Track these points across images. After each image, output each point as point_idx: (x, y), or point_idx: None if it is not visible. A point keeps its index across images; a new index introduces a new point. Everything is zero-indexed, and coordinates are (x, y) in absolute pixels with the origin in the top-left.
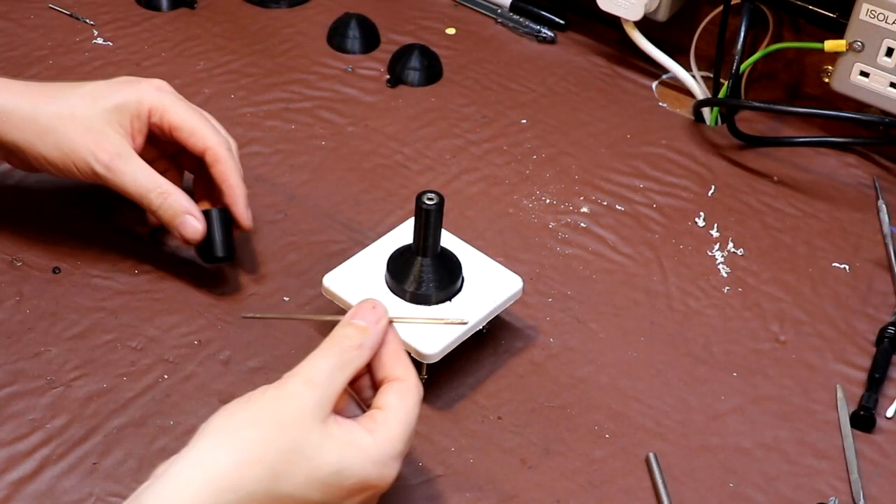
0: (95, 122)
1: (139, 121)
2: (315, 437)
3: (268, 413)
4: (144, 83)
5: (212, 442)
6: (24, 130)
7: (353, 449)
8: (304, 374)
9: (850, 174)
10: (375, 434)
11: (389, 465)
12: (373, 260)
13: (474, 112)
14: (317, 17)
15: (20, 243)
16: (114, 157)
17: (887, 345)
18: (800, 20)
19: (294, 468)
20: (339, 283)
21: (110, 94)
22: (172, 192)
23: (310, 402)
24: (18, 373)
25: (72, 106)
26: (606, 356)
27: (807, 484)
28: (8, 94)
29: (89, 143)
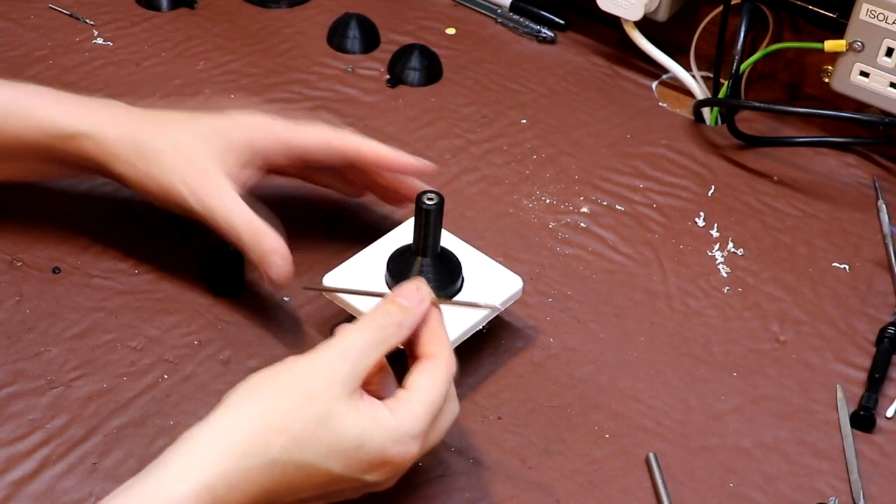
0: (198, 159)
1: (251, 165)
2: (341, 409)
3: (297, 382)
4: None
5: (238, 408)
6: (129, 164)
7: (375, 424)
8: (337, 347)
9: (850, 174)
10: (397, 413)
11: (409, 444)
12: (373, 260)
13: (474, 112)
14: (317, 17)
15: (20, 243)
16: (210, 194)
17: (887, 345)
18: (800, 20)
19: (317, 438)
20: (339, 283)
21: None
22: (263, 232)
23: (340, 375)
24: (18, 373)
25: (176, 141)
26: (606, 356)
27: (807, 484)
28: (118, 126)
29: (188, 178)
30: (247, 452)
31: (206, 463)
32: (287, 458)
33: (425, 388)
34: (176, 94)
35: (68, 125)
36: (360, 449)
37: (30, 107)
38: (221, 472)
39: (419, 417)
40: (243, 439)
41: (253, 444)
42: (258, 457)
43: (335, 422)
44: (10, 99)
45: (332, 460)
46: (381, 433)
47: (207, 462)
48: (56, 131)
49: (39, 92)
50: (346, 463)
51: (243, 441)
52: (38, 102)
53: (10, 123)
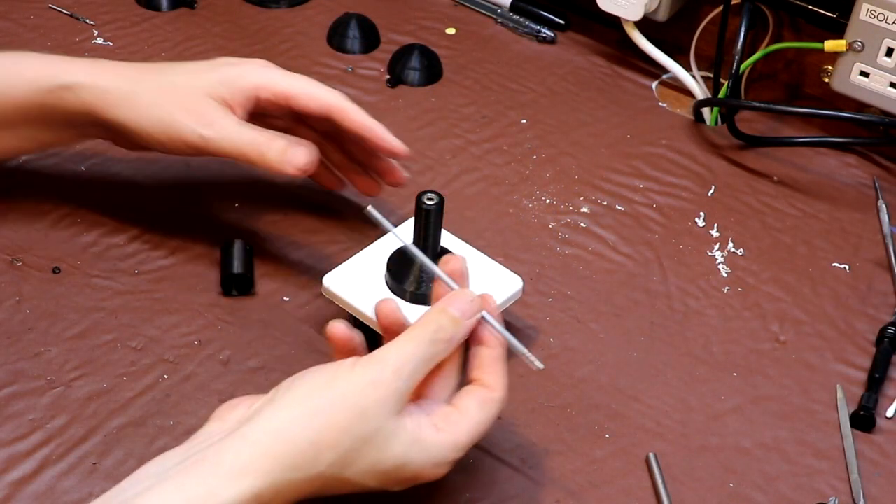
0: (196, 94)
1: (241, 94)
2: (389, 429)
3: (351, 399)
4: (247, 62)
5: (294, 413)
6: (125, 108)
7: (418, 447)
8: (392, 362)
9: (850, 174)
10: (442, 434)
11: (444, 466)
12: (373, 260)
13: (474, 112)
14: (317, 17)
15: (20, 243)
16: (214, 121)
17: (887, 345)
18: (800, 20)
19: (362, 457)
20: (340, 283)
21: (211, 70)
22: (273, 138)
23: (393, 394)
24: (18, 373)
25: (172, 81)
26: (606, 356)
27: (807, 484)
28: (108, 74)
29: (190, 113)
30: (297, 464)
31: (258, 472)
32: (330, 474)
33: (474, 420)
34: None
35: (60, 79)
36: (399, 469)
37: (18, 66)
38: (271, 481)
39: (460, 445)
40: (296, 451)
41: (304, 457)
42: (307, 469)
43: (380, 442)
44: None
45: (370, 477)
46: (423, 456)
47: (261, 471)
48: (48, 85)
49: (24, 54)
50: (383, 480)
51: (296, 452)
52: (25, 62)
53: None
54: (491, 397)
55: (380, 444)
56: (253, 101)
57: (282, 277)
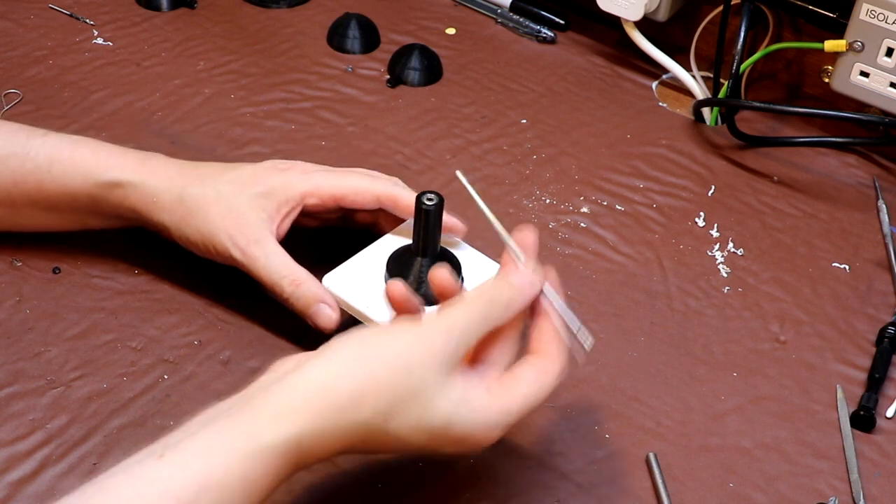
0: (239, 206)
1: (287, 205)
2: (437, 386)
3: (397, 354)
4: (292, 168)
5: (338, 366)
6: (171, 212)
7: (466, 407)
8: (444, 322)
9: (850, 174)
10: (494, 398)
11: (495, 430)
12: (373, 260)
13: (474, 112)
14: (317, 17)
15: (20, 243)
16: (250, 242)
17: (887, 345)
18: (800, 20)
19: (407, 411)
20: (340, 284)
21: (256, 180)
22: (305, 281)
23: (442, 352)
24: (18, 373)
25: (218, 191)
26: (606, 356)
27: (807, 484)
28: (156, 176)
29: (229, 226)
30: (338, 412)
31: (300, 416)
32: (374, 424)
33: (529, 388)
34: (176, 94)
35: (111, 174)
36: (448, 428)
37: (72, 156)
38: (311, 427)
39: (512, 411)
40: (338, 400)
41: (347, 406)
42: (349, 417)
43: (427, 398)
44: (53, 149)
45: (418, 434)
46: (472, 416)
47: (302, 416)
48: (99, 180)
49: (80, 142)
50: (430, 438)
51: (338, 401)
52: (80, 152)
53: (52, 173)
54: (548, 368)
55: (425, 400)
56: (300, 208)
57: None
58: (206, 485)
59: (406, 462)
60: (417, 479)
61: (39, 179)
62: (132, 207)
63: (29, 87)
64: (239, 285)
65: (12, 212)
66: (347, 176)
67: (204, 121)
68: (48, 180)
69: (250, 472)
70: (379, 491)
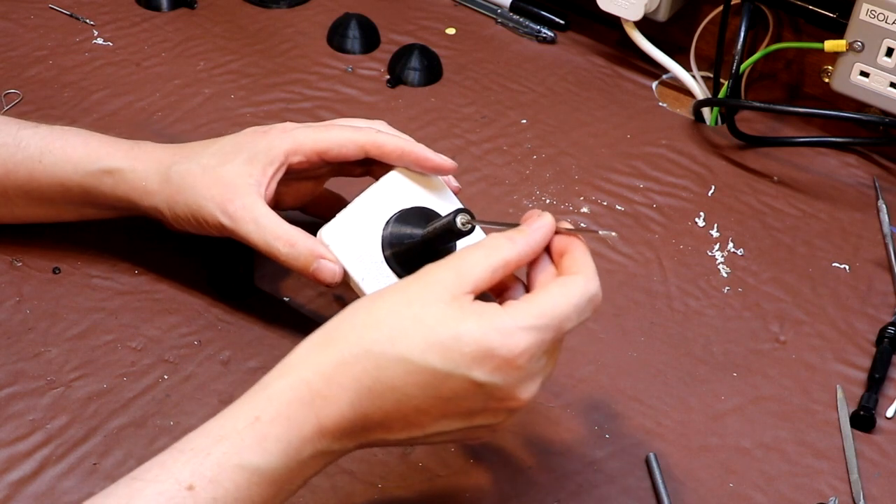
0: (225, 176)
1: (272, 167)
2: (439, 307)
3: (399, 287)
4: (272, 129)
5: (337, 320)
6: (161, 193)
7: (476, 317)
8: (453, 258)
9: (850, 174)
10: (508, 308)
11: (515, 335)
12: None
13: (474, 112)
14: (317, 17)
15: (20, 243)
16: (239, 208)
17: (887, 345)
18: (800, 20)
19: (413, 332)
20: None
21: (238, 149)
22: (299, 240)
23: (440, 280)
24: (18, 373)
25: (203, 164)
26: (606, 356)
27: (807, 484)
28: (144, 160)
29: (216, 195)
30: (340, 345)
31: (300, 359)
32: (380, 351)
33: (551, 294)
34: (176, 94)
35: (101, 163)
36: (457, 340)
37: (63, 147)
38: (315, 364)
39: (532, 313)
40: (337, 335)
41: (347, 338)
42: (351, 348)
43: (431, 318)
44: (43, 140)
45: (430, 353)
46: (482, 323)
47: (302, 358)
48: (89, 169)
49: (71, 132)
50: (444, 355)
51: (337, 337)
52: (71, 142)
53: (43, 163)
54: (571, 279)
55: (430, 320)
56: (286, 167)
57: (282, 277)
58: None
59: (406, 462)
60: (418, 479)
61: (30, 169)
62: (124, 196)
63: (29, 87)
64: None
65: (6, 203)
66: (329, 129)
67: (204, 121)
68: (39, 170)
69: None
70: (379, 491)
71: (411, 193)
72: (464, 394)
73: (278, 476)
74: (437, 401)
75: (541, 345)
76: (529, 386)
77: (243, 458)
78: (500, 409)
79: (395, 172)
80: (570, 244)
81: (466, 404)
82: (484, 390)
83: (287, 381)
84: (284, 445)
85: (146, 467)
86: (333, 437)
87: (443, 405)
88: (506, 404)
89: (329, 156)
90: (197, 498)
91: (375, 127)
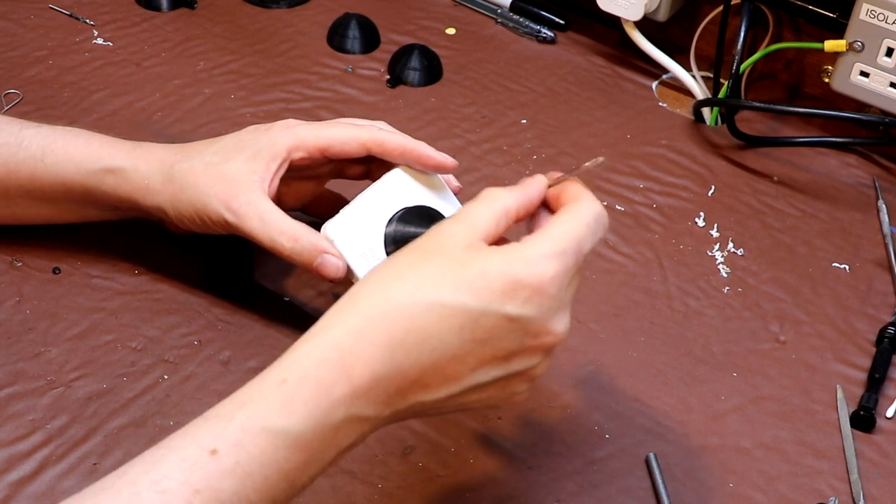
0: (228, 173)
1: (275, 163)
2: (459, 252)
3: (413, 246)
4: (274, 127)
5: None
6: (164, 193)
7: (499, 253)
8: (462, 213)
9: (850, 174)
10: (526, 241)
11: (540, 263)
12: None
13: (474, 112)
14: (317, 17)
15: (20, 243)
16: (243, 204)
17: (887, 345)
18: (800, 20)
19: (438, 277)
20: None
21: (244, 145)
22: (303, 235)
23: (453, 233)
24: (18, 373)
25: (205, 161)
26: (606, 356)
27: (807, 484)
28: (146, 159)
29: (220, 192)
30: (366, 304)
31: (327, 322)
32: (410, 300)
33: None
34: (176, 94)
35: (103, 163)
36: (485, 276)
37: (65, 146)
38: (341, 324)
39: (551, 238)
40: (361, 294)
41: (372, 296)
42: (379, 304)
43: (454, 262)
44: (46, 139)
45: (461, 293)
46: (505, 258)
47: (328, 321)
48: (91, 169)
49: (73, 132)
50: (475, 293)
51: (360, 296)
52: (73, 141)
53: (45, 163)
54: (576, 205)
55: (452, 265)
56: (288, 163)
57: (282, 277)
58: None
59: (406, 462)
60: (418, 479)
61: (33, 169)
62: (126, 195)
63: (29, 87)
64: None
65: (8, 203)
66: (331, 126)
67: (204, 121)
68: (41, 170)
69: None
70: (379, 491)
71: (413, 191)
72: (499, 333)
73: (307, 441)
74: (473, 344)
75: (567, 270)
76: (562, 317)
77: (269, 421)
78: (537, 348)
79: (398, 170)
80: (563, 187)
81: (503, 345)
82: (519, 324)
83: (314, 344)
84: (312, 407)
85: (171, 436)
86: (367, 400)
87: (479, 349)
88: (541, 340)
89: (331, 152)
90: (220, 462)
91: (377, 125)
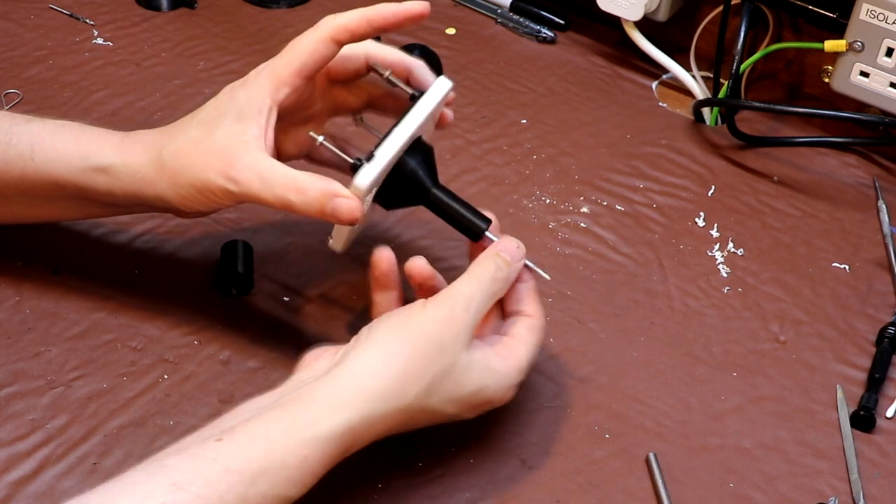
0: (217, 142)
1: (262, 115)
2: (463, 360)
3: (430, 336)
4: (248, 79)
5: (379, 353)
6: (161, 180)
7: (491, 374)
8: (461, 299)
9: (850, 174)
10: (507, 360)
11: (512, 389)
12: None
13: (474, 112)
14: (317, 17)
15: (20, 243)
16: (241, 169)
17: (887, 345)
18: (800, 20)
19: (443, 388)
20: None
21: (225, 110)
22: (308, 184)
23: (464, 328)
24: (18, 373)
25: (192, 137)
26: (606, 356)
27: (807, 484)
28: (135, 150)
29: (216, 165)
30: (387, 396)
31: (352, 407)
32: (417, 405)
33: (528, 344)
34: (176, 94)
35: (92, 160)
36: (476, 395)
37: (54, 143)
38: (363, 413)
39: (523, 369)
40: (385, 385)
41: (393, 390)
42: (395, 401)
43: (458, 373)
44: (35, 136)
45: (451, 405)
46: (496, 381)
47: (353, 406)
48: (81, 166)
49: (63, 127)
50: (461, 406)
51: (385, 387)
52: (61, 138)
53: (35, 161)
54: (536, 323)
55: (457, 375)
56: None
57: (282, 277)
58: (266, 466)
59: (407, 462)
60: (418, 479)
61: (22, 168)
62: (123, 192)
63: (29, 87)
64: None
65: (4, 202)
66: (293, 45)
67: None
68: (32, 168)
69: (310, 456)
70: (379, 491)
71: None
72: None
73: None
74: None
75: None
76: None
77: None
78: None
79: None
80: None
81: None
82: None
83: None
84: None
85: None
86: None
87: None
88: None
89: (308, 69)
90: None
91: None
